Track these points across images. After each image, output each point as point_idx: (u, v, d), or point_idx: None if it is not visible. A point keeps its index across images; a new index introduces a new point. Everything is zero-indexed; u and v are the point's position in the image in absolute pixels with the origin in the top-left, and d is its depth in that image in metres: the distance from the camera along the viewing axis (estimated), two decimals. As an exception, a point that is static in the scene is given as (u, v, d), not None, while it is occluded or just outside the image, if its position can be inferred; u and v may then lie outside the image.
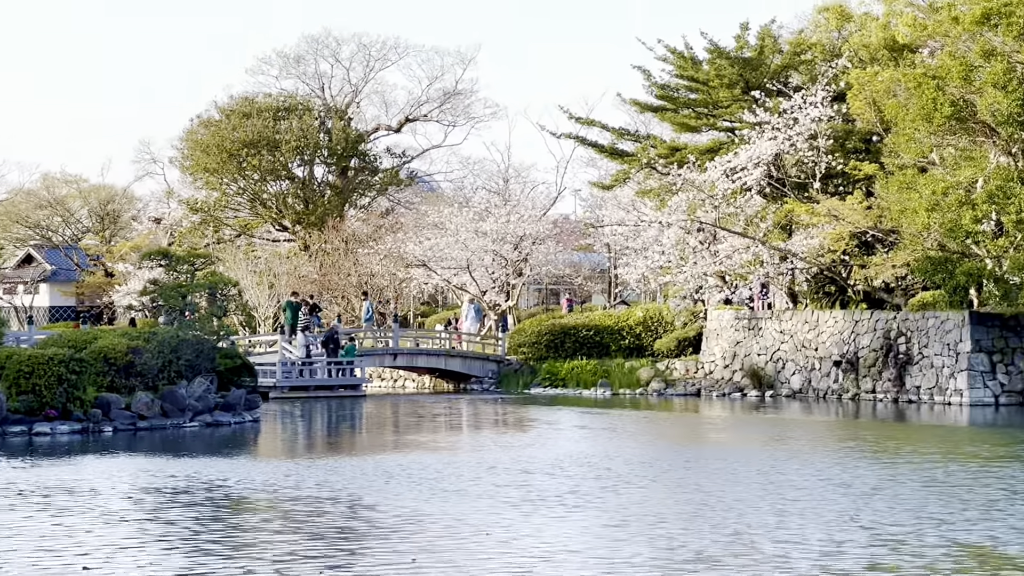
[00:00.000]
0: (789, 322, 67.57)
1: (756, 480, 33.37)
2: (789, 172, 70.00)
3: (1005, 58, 59.16)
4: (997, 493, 30.74)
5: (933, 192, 59.32)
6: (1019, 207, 56.94)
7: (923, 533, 25.42)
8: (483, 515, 27.93)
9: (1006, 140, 59.85)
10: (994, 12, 59.41)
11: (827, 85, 68.84)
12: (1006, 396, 59.30)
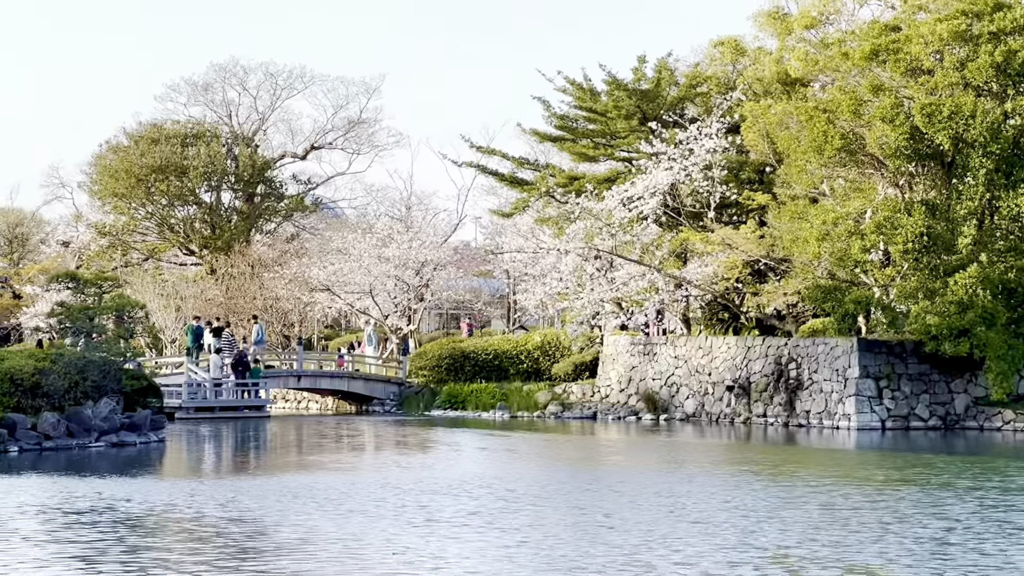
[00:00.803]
0: (683, 348, 67.39)
1: (653, 502, 32.96)
2: (684, 201, 69.99)
3: (893, 93, 59.38)
4: (889, 516, 30.47)
5: (823, 222, 59.42)
6: (906, 237, 57.03)
7: (817, 554, 25.13)
8: (385, 535, 27.39)
9: (894, 172, 60.00)
10: (882, 49, 59.65)
11: (722, 117, 68.96)
12: (892, 420, 59.33)
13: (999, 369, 57.26)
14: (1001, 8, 58.89)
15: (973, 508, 31.58)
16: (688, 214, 69.89)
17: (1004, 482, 37.68)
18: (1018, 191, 57.65)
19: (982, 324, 56.50)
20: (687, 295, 69.64)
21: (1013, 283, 57.43)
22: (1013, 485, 36.67)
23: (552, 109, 75.66)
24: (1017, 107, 58.10)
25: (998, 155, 57.55)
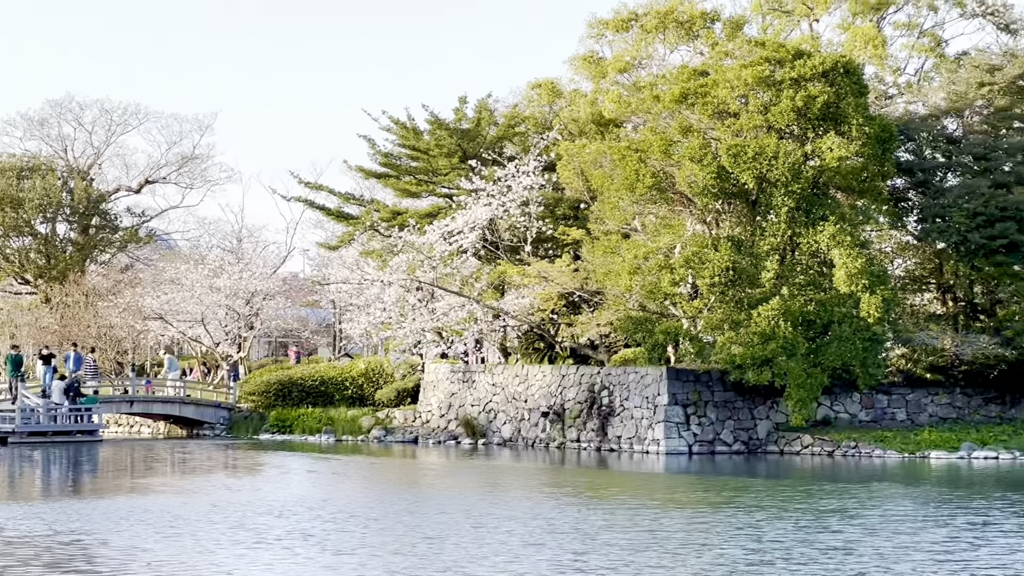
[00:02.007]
0: (501, 375, 66.70)
1: (472, 523, 32.25)
2: (503, 236, 69.46)
3: (701, 134, 59.40)
4: (704, 537, 29.96)
5: (635, 256, 59.27)
6: (713, 271, 57.04)
7: (627, 573, 24.49)
8: (213, 555, 26.52)
9: (701, 209, 60.01)
10: (691, 92, 59.73)
11: (539, 155, 68.64)
12: (698, 445, 59.11)
13: (799, 396, 57.33)
14: (801, 56, 59.22)
15: (789, 528, 31.24)
16: (506, 248, 69.31)
17: (814, 504, 37.46)
18: (817, 228, 57.85)
19: (783, 354, 56.58)
20: (505, 325, 69.18)
21: (812, 315, 57.51)
22: (823, 507, 36.45)
23: (377, 147, 75.01)
24: (817, 149, 58.31)
25: (799, 194, 57.79)
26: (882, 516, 34.59)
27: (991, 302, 66.62)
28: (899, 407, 62.80)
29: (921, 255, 68.85)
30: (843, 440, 58.55)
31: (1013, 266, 64.16)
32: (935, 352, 62.92)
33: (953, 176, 66.88)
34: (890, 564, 25.97)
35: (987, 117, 66.60)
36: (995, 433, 59.23)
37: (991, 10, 74.83)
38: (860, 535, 30.35)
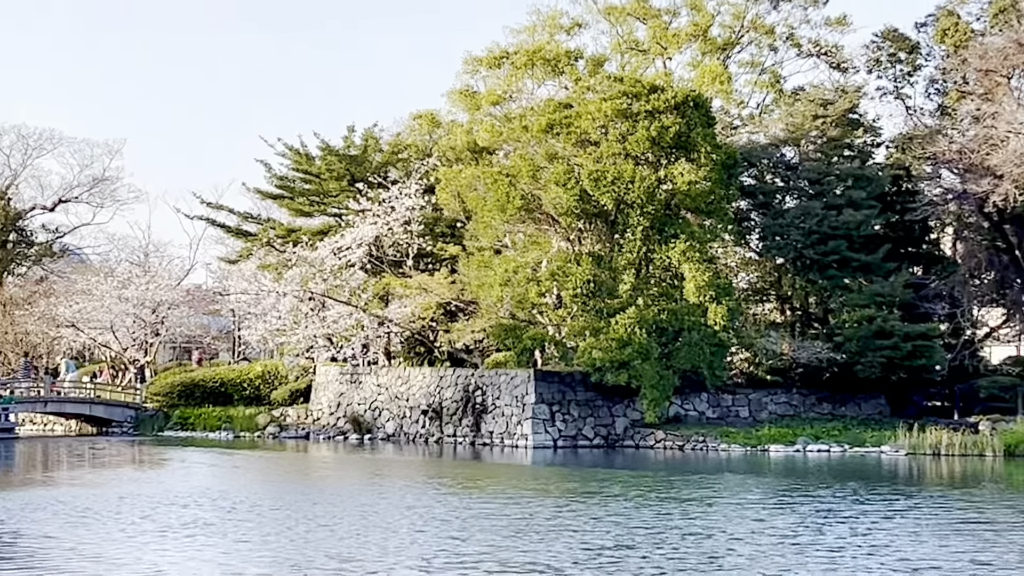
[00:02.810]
0: (385, 377, 66.79)
1: (360, 512, 32.32)
2: (387, 251, 69.61)
3: (565, 161, 59.83)
4: (577, 524, 30.25)
5: (506, 270, 59.62)
6: (576, 284, 57.57)
7: (515, 559, 24.73)
8: (122, 544, 26.37)
9: (565, 228, 60.42)
10: (557, 123, 60.17)
11: (420, 179, 68.88)
12: (563, 440, 59.51)
13: (652, 396, 57.92)
14: (656, 90, 59.85)
15: (650, 516, 31.57)
16: (390, 262, 69.49)
17: (674, 493, 37.86)
18: (669, 245, 58.49)
19: (639, 358, 57.14)
20: (389, 332, 69.24)
21: (664, 323, 58.14)
22: (682, 496, 36.87)
23: (273, 171, 75.09)
24: (669, 174, 58.96)
25: (653, 215, 58.44)
26: (738, 504, 35.07)
27: (824, 311, 67.62)
28: (742, 405, 63.63)
29: (762, 269, 69.78)
30: (692, 435, 59.20)
31: (843, 279, 65.24)
32: (774, 356, 63.88)
33: (791, 199, 67.86)
34: (744, 547, 26.39)
35: (821, 146, 67.56)
36: (827, 429, 60.16)
37: (824, 50, 76.05)
38: (717, 521, 30.77)
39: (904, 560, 24.94)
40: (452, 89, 73.87)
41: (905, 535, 28.36)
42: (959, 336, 67.33)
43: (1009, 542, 27.48)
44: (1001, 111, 65.74)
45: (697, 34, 73.59)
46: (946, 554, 25.65)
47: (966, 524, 30.73)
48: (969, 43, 69.20)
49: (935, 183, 69.57)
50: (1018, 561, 24.92)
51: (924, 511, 33.16)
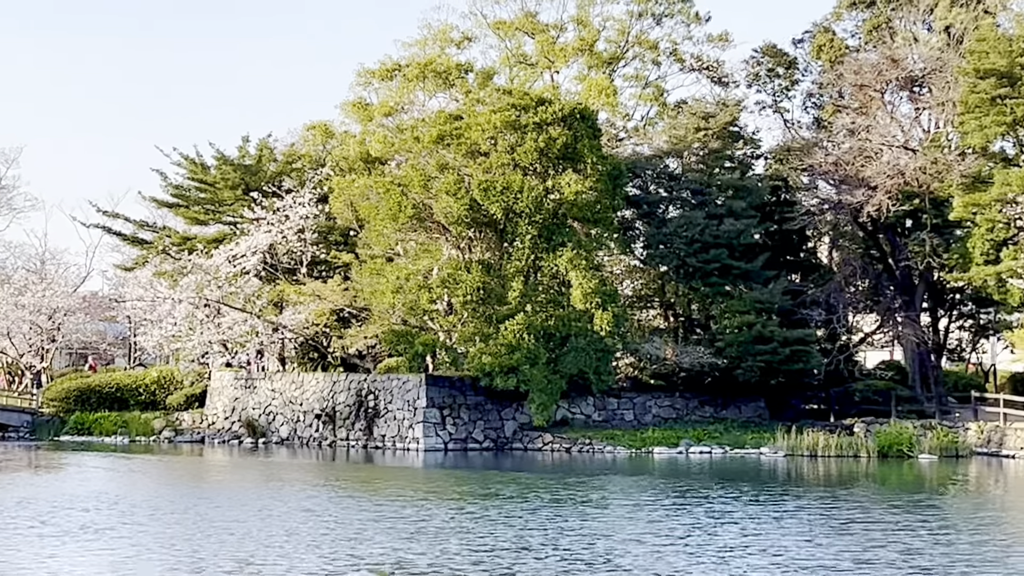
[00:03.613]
0: (279, 382, 66.25)
1: (257, 515, 32.05)
2: (281, 259, 69.14)
3: (456, 171, 59.76)
4: (468, 525, 30.12)
5: (398, 278, 59.50)
6: (466, 291, 57.52)
7: (403, 558, 24.54)
8: (19, 549, 26.00)
9: (456, 237, 60.36)
10: (447, 134, 60.11)
11: (314, 189, 68.48)
12: (453, 443, 59.35)
13: (540, 400, 57.95)
14: (544, 103, 59.93)
15: (547, 517, 31.57)
16: (284, 270, 68.99)
17: (569, 494, 37.94)
18: (557, 253, 58.57)
19: (527, 363, 57.15)
20: (283, 338, 68.73)
21: (552, 329, 58.19)
22: (578, 498, 37.03)
23: (169, 180, 74.27)
24: (557, 184, 59.05)
25: (541, 224, 58.49)
26: (633, 505, 35.26)
27: (706, 317, 68.02)
28: (627, 409, 63.80)
29: (646, 277, 70.07)
30: (579, 438, 59.32)
31: (724, 287, 65.64)
32: (658, 361, 64.17)
33: (674, 208, 68.19)
34: (639, 547, 26.43)
35: (703, 158, 67.99)
36: (709, 431, 60.59)
37: (706, 65, 76.52)
38: (612, 522, 30.90)
39: (795, 560, 25.08)
40: (345, 101, 73.64)
41: (795, 535, 28.60)
42: (835, 341, 68.01)
43: (892, 542, 27.75)
44: (875, 125, 66.55)
45: (583, 48, 73.75)
46: (833, 553, 25.88)
47: (852, 524, 31.07)
48: (844, 59, 70.01)
49: (812, 194, 70.32)
50: (900, 560, 25.15)
51: (812, 512, 33.50)
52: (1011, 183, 57.94)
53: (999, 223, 59.32)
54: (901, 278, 69.11)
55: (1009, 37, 60.77)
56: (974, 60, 60.69)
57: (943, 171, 62.75)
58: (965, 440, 57.43)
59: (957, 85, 62.81)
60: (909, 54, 67.65)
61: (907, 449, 55.27)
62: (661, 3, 74.80)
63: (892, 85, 68.17)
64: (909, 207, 65.88)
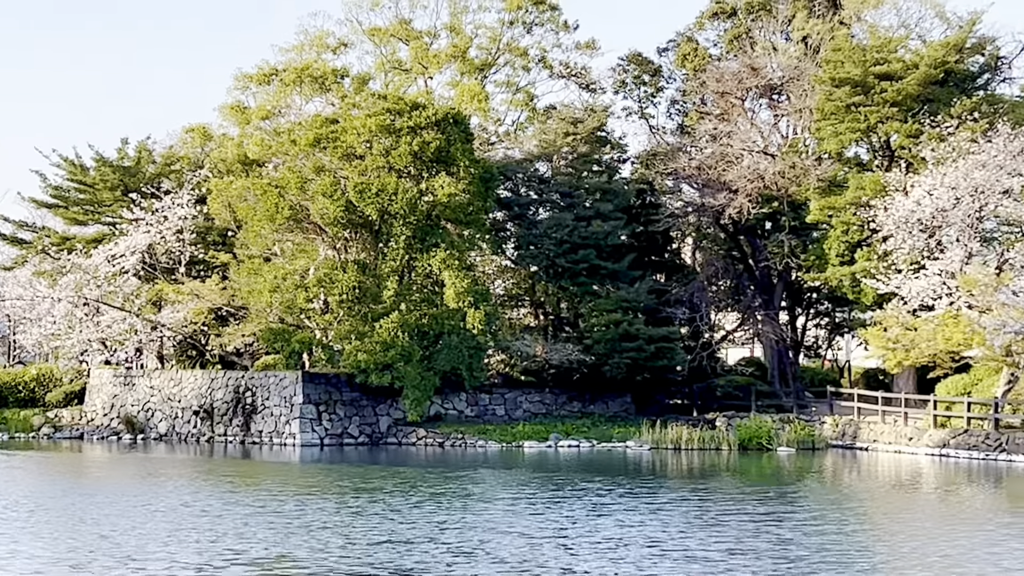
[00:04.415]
0: (158, 379, 65.42)
1: (138, 511, 31.59)
2: (160, 259, 68.31)
3: (332, 173, 59.45)
4: (350, 520, 29.94)
5: (275, 277, 59.08)
6: (342, 290, 57.25)
7: (284, 552, 24.32)
8: None
9: (332, 237, 60.01)
10: (324, 138, 59.76)
11: (192, 190, 67.75)
12: (329, 438, 59.02)
13: (414, 396, 57.84)
14: (417, 108, 59.81)
15: (428, 510, 31.45)
16: (163, 269, 68.18)
17: (450, 488, 37.88)
18: (430, 254, 58.49)
19: (401, 360, 57.02)
20: (162, 336, 67.88)
21: (426, 327, 58.10)
22: (460, 493, 36.95)
23: (48, 181, 72.88)
24: (430, 187, 58.94)
25: (415, 225, 58.36)
26: (515, 498, 35.25)
27: (575, 316, 68.29)
28: (499, 404, 63.89)
29: (517, 276, 70.19)
30: (452, 433, 59.29)
31: (592, 286, 65.97)
32: (529, 358, 64.29)
33: (544, 210, 68.38)
34: (519, 540, 26.37)
35: (571, 161, 68.24)
36: (577, 426, 60.87)
37: (574, 72, 76.86)
38: (496, 514, 30.86)
39: (670, 551, 25.24)
40: (223, 104, 72.99)
41: (670, 527, 28.80)
42: (698, 339, 68.65)
43: (763, 532, 28.03)
44: (736, 130, 67.30)
45: (456, 55, 73.74)
46: (707, 544, 26.07)
47: (723, 515, 31.31)
48: (707, 67, 70.73)
49: (676, 197, 70.95)
50: (773, 550, 25.42)
51: (685, 504, 33.78)
52: (865, 187, 58.89)
53: (853, 225, 60.26)
54: (761, 278, 69.98)
55: (863, 47, 61.78)
56: (830, 69, 61.62)
57: (800, 175, 63.63)
58: (821, 433, 58.24)
59: (814, 93, 63.74)
60: (768, 63, 68.50)
61: (766, 442, 55.93)
62: (531, 12, 75.02)
63: (752, 92, 69.04)
64: (768, 210, 66.78)
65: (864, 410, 59.86)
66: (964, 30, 61.50)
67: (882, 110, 59.52)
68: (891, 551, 25.89)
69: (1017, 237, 57.68)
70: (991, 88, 63.25)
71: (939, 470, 46.20)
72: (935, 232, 56.00)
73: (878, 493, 39.12)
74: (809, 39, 69.18)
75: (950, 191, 54.21)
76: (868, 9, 66.36)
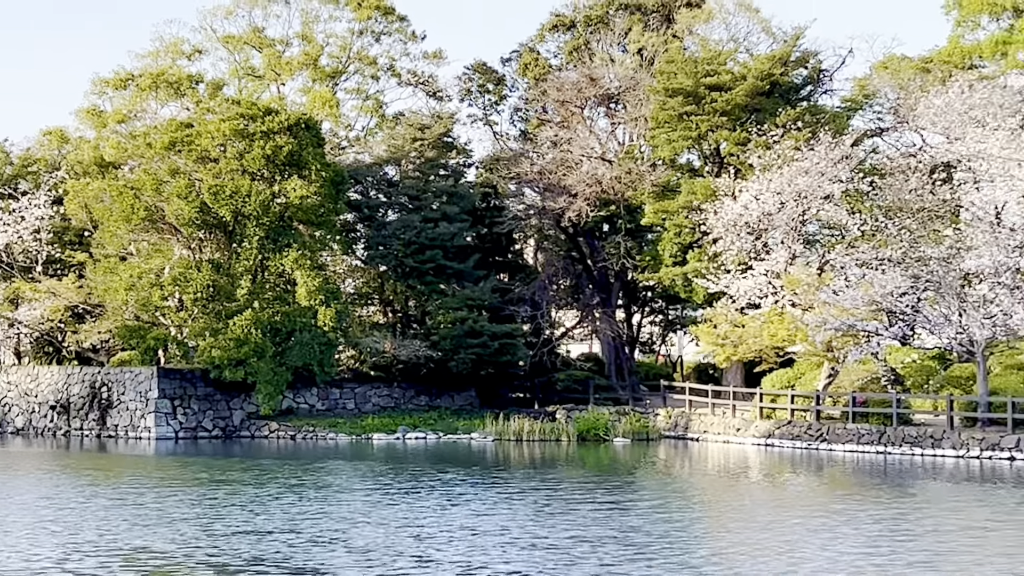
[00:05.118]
0: (15, 375, 64.00)
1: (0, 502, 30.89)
2: (17, 257, 66.83)
3: (187, 176, 58.79)
4: (210, 512, 29.58)
5: (131, 276, 58.27)
6: (196, 288, 56.65)
7: (143, 544, 23.94)
8: None
9: (187, 237, 59.30)
10: (179, 141, 59.12)
11: (49, 191, 66.32)
12: (184, 432, 58.34)
13: (267, 391, 57.46)
14: (271, 113, 59.41)
15: (290, 501, 31.23)
16: (20, 267, 66.69)
17: (312, 480, 37.62)
18: (283, 254, 58.07)
19: (255, 356, 56.60)
20: (19, 332, 66.49)
21: (278, 324, 57.67)
22: (321, 483, 36.69)
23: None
24: (283, 189, 58.50)
25: (268, 226, 57.90)
26: (372, 488, 35.14)
27: (422, 313, 68.20)
28: (349, 398, 63.63)
29: (367, 276, 69.93)
30: (303, 426, 58.96)
31: (439, 285, 65.94)
32: (378, 354, 64.12)
33: (392, 212, 68.19)
34: (375, 528, 26.31)
35: (419, 166, 68.11)
36: (424, 419, 60.87)
37: (421, 80, 76.78)
38: (353, 504, 30.76)
39: (520, 539, 25.34)
40: (80, 108, 71.74)
41: (521, 516, 28.93)
42: (539, 335, 68.99)
43: (609, 519, 28.25)
44: (575, 137, 67.81)
45: (308, 63, 73.27)
46: (557, 531, 26.19)
47: (571, 504, 31.48)
48: (548, 77, 71.14)
49: (519, 200, 71.24)
50: (621, 536, 25.63)
51: (537, 494, 33.89)
52: (696, 192, 59.71)
53: (685, 228, 61.07)
54: (599, 278, 70.60)
55: (695, 60, 62.65)
56: (663, 80, 62.38)
57: (636, 180, 64.32)
58: (655, 425, 58.92)
59: (648, 102, 64.46)
60: (606, 74, 69.10)
61: (603, 433, 56.43)
62: (380, 22, 74.82)
63: (591, 102, 69.60)
64: (606, 213, 67.36)
65: (695, 403, 60.70)
66: (789, 44, 62.68)
67: (712, 119, 60.42)
68: (733, 537, 26.22)
69: (837, 240, 58.90)
70: (814, 99, 64.53)
71: (765, 459, 47.02)
72: (761, 234, 56.94)
73: (714, 482, 39.64)
74: (644, 51, 69.95)
75: (775, 196, 55.11)
76: (699, 23, 67.33)
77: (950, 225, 51.75)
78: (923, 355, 56.25)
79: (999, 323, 46.85)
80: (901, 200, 54.88)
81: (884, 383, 52.34)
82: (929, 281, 48.53)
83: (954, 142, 53.06)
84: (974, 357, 48.04)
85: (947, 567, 22.35)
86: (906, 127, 62.20)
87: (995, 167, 50.28)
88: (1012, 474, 39.75)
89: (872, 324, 49.56)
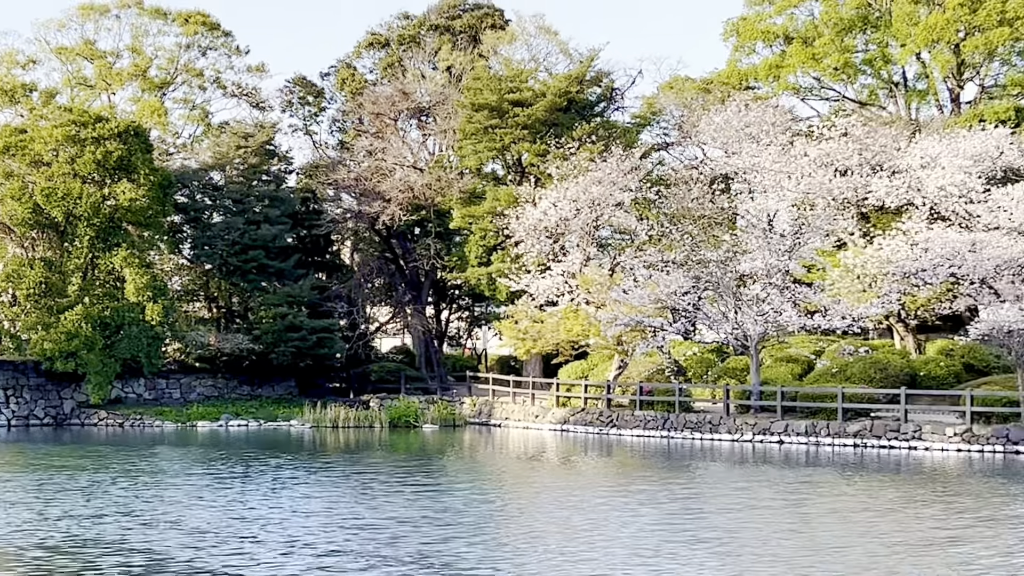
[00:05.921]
0: None
1: None
2: None
3: (20, 178, 57.34)
4: (33, 496, 29.12)
5: (-35, 272, 56.61)
6: (29, 285, 55.45)
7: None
8: None
9: (20, 237, 57.86)
10: (13, 146, 57.68)
11: None
12: (16, 420, 57.03)
13: (97, 381, 56.52)
14: (102, 120, 58.32)
15: (129, 486, 30.79)
16: None
17: (149, 466, 36.96)
18: (113, 253, 57.16)
19: (85, 348, 55.62)
20: None
21: (108, 319, 56.73)
22: (161, 469, 36.06)
23: None
24: (113, 192, 57.54)
25: (98, 226, 56.92)
26: (203, 474, 34.59)
27: (245, 309, 67.68)
28: (175, 388, 62.93)
29: (193, 273, 69.13)
30: (131, 414, 58.08)
31: (261, 283, 65.58)
32: (203, 347, 63.48)
33: (217, 215, 67.50)
34: (202, 510, 26.14)
35: (243, 171, 67.56)
36: (246, 407, 60.48)
37: (246, 92, 76.25)
38: (184, 488, 30.31)
39: (346, 520, 25.37)
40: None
41: (347, 499, 28.89)
42: (355, 330, 69.04)
43: (426, 501, 28.40)
44: (389, 147, 68.06)
45: (137, 74, 72.20)
46: (380, 513, 26.23)
47: (389, 487, 31.49)
48: (364, 91, 71.26)
49: (337, 204, 71.17)
50: (435, 518, 25.73)
51: (361, 478, 33.80)
52: (500, 199, 60.48)
53: (490, 232, 61.78)
54: (411, 277, 70.96)
55: (499, 78, 63.40)
56: (470, 96, 63.04)
57: (445, 187, 64.84)
58: (461, 412, 59.44)
59: (457, 116, 65.03)
60: (418, 89, 69.48)
61: (414, 420, 56.77)
62: (207, 36, 74.10)
63: (404, 114, 69.92)
64: (417, 217, 67.75)
65: (498, 392, 61.42)
66: (584, 65, 63.84)
67: (515, 132, 61.23)
68: (544, 517, 26.18)
69: (627, 243, 60.18)
70: (607, 115, 65.77)
71: (562, 443, 47.52)
72: (559, 238, 57.87)
73: (519, 465, 39.59)
74: (453, 69, 70.54)
75: (572, 203, 55.96)
76: (503, 44, 68.13)
77: (727, 231, 53.14)
78: (703, 348, 57.87)
79: (770, 320, 48.28)
80: (684, 208, 56.23)
81: (668, 374, 53.57)
82: (709, 282, 49.73)
83: (732, 156, 54.70)
84: (748, 350, 49.34)
85: (737, 543, 22.90)
86: (689, 142, 63.90)
87: (767, 179, 52.01)
88: (780, 456, 41.06)
89: (658, 320, 50.68)
